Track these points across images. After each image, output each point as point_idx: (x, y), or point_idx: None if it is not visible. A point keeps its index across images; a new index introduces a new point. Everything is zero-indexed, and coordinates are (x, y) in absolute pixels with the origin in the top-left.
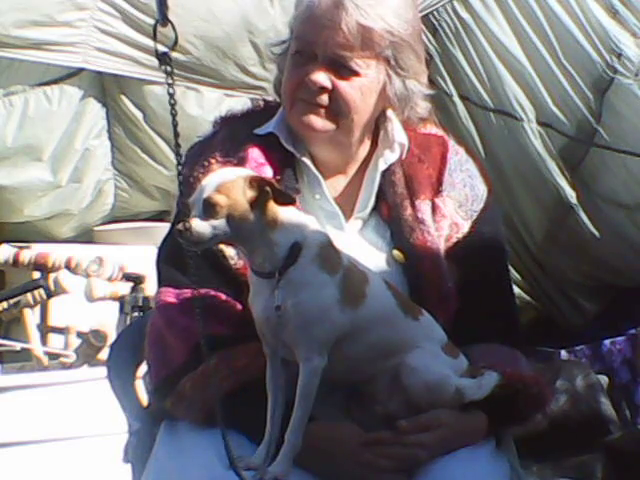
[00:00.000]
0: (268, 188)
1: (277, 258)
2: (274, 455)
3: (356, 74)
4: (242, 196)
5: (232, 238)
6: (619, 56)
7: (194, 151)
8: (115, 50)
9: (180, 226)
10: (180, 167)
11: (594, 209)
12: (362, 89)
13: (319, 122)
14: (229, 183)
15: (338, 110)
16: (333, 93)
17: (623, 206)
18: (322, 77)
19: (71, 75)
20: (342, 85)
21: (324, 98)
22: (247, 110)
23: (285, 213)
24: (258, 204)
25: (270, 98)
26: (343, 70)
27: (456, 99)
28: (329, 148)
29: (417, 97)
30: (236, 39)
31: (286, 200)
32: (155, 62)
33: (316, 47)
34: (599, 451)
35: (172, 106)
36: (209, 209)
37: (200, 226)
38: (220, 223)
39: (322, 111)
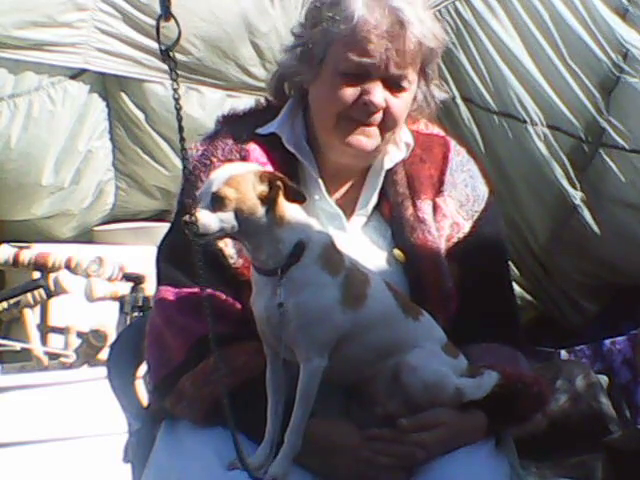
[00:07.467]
0: (280, 183)
1: (281, 255)
2: (274, 455)
3: (405, 89)
4: (251, 190)
5: (238, 232)
6: (625, 55)
7: (196, 149)
8: (116, 51)
9: (187, 217)
10: (185, 161)
11: (601, 209)
12: (406, 103)
13: (370, 142)
14: (239, 177)
15: (386, 127)
16: (386, 111)
17: (631, 206)
18: (382, 98)
19: (74, 76)
20: (394, 102)
21: (378, 117)
22: (249, 109)
23: (292, 211)
24: (268, 199)
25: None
26: (396, 87)
27: (459, 101)
28: (357, 159)
29: (435, 101)
30: (237, 40)
31: (297, 197)
32: (156, 62)
33: (374, 67)
34: (599, 451)
35: (176, 100)
36: (217, 202)
37: (207, 218)
38: (228, 216)
39: (372, 129)
